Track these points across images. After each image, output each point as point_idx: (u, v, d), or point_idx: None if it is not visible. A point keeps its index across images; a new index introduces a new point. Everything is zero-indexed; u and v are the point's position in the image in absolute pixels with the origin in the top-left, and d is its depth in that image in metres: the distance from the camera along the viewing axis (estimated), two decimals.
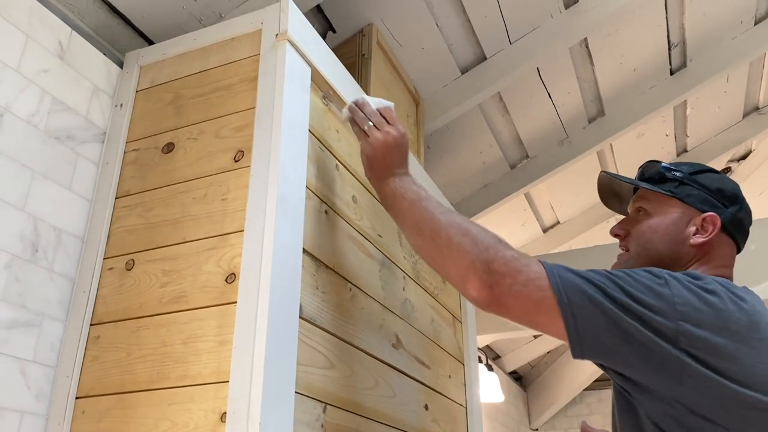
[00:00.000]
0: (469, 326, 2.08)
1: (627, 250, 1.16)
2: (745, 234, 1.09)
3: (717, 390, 0.84)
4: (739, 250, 1.09)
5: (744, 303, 0.91)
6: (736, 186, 1.10)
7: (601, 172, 1.25)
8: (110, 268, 1.19)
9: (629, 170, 3.17)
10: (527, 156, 2.70)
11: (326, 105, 1.32)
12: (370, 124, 1.17)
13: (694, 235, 1.05)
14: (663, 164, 1.12)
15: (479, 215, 2.67)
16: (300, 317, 1.12)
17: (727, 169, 3.54)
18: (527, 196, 2.96)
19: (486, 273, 0.93)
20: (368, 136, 1.16)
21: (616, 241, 1.21)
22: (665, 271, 0.93)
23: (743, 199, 1.09)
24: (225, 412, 0.97)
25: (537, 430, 5.18)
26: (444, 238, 0.99)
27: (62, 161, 1.21)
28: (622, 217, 1.23)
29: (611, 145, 2.91)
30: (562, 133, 2.66)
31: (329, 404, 1.17)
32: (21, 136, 1.14)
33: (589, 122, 2.67)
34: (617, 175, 1.18)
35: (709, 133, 3.14)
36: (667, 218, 1.08)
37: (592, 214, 3.25)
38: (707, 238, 1.04)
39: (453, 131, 2.39)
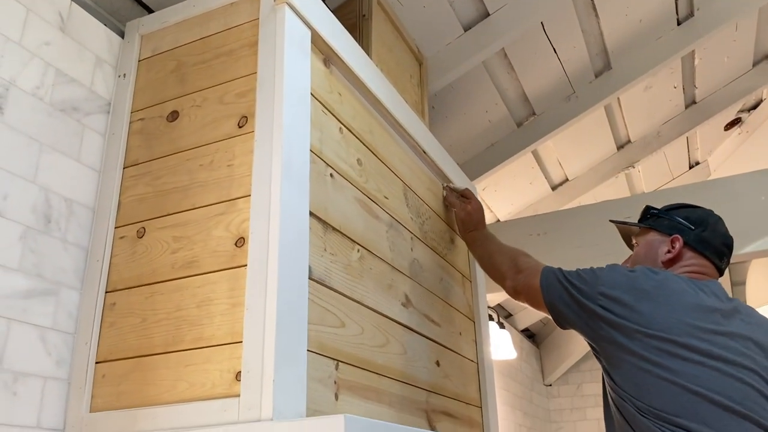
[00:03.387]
0: (479, 285, 2.10)
1: None
2: (716, 250, 1.39)
3: (627, 329, 1.23)
4: (715, 264, 1.40)
5: (656, 275, 1.29)
6: (706, 214, 1.44)
7: (609, 221, 1.69)
8: (122, 237, 1.21)
9: (637, 124, 3.14)
10: (534, 113, 2.68)
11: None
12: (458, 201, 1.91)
13: (665, 253, 1.40)
14: (648, 206, 1.53)
15: (486, 175, 2.67)
16: (309, 278, 1.14)
17: (737, 120, 3.50)
18: (535, 154, 2.95)
19: (514, 273, 1.57)
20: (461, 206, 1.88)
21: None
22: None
23: (712, 223, 1.42)
24: (240, 371, 1.00)
25: (550, 385, 5.25)
26: (495, 261, 1.69)
27: (69, 133, 1.23)
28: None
29: (618, 99, 2.88)
30: (569, 88, 2.63)
31: (341, 362, 1.20)
32: (27, 109, 1.15)
33: (596, 76, 2.64)
34: (618, 221, 1.62)
35: (718, 84, 3.10)
36: (646, 245, 1.46)
37: (601, 170, 3.24)
38: (673, 255, 1.39)
39: (457, 90, 2.37)
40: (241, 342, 1.02)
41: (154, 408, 1.04)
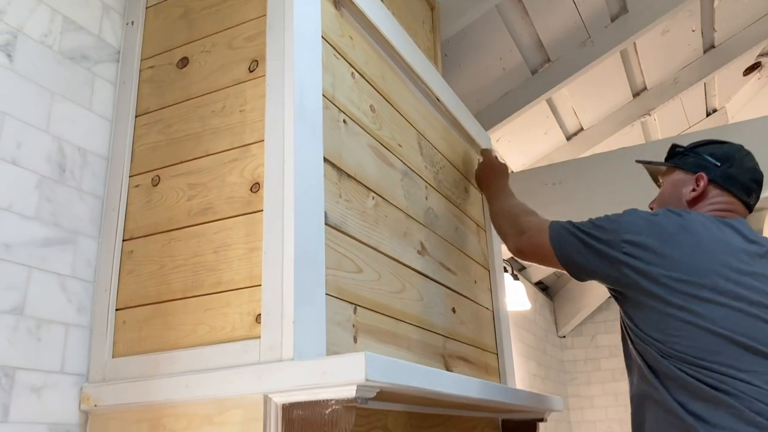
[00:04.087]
0: (494, 234, 2.09)
1: None
2: (743, 186, 1.35)
3: (652, 275, 1.21)
4: (742, 200, 1.36)
5: (679, 217, 1.26)
6: (733, 149, 1.39)
7: (636, 161, 1.62)
8: (137, 186, 1.21)
9: (654, 70, 3.07)
10: (548, 60, 2.63)
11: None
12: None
13: (690, 192, 1.37)
14: (674, 144, 1.47)
15: (501, 125, 2.64)
16: (326, 224, 1.14)
17: (757, 65, 3.42)
18: (549, 103, 2.90)
19: (515, 234, 1.52)
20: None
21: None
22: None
23: (739, 158, 1.37)
24: (260, 314, 1.01)
25: (564, 337, 5.30)
26: (498, 222, 1.65)
27: (79, 82, 1.22)
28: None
29: (635, 44, 2.81)
30: (584, 33, 2.57)
31: (359, 306, 1.20)
32: (36, 57, 1.14)
33: (612, 20, 2.57)
34: (643, 161, 1.55)
35: (737, 26, 3.01)
36: (671, 184, 1.42)
37: (617, 118, 3.19)
38: (697, 193, 1.35)
39: (470, 37, 2.32)
40: (260, 285, 1.02)
41: (175, 352, 1.05)
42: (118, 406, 1.05)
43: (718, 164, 1.36)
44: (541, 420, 1.87)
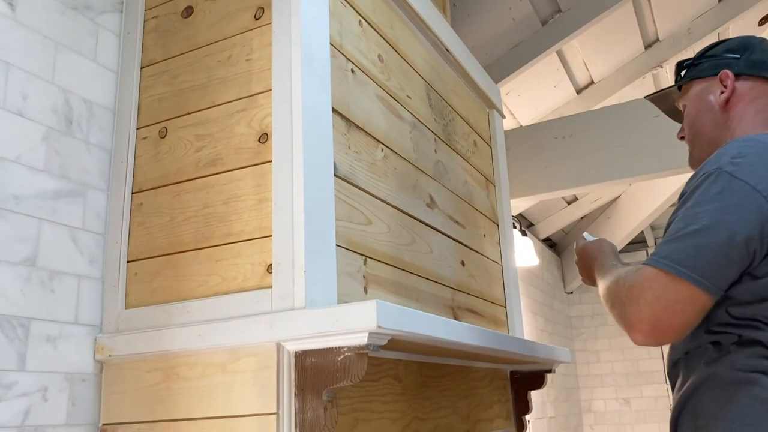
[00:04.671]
0: (503, 188, 2.08)
1: (689, 143, 1.24)
2: None
3: None
4: None
5: (750, 142, 1.02)
6: (745, 39, 1.21)
7: (645, 98, 1.35)
8: (144, 138, 1.20)
9: (667, 20, 3.00)
10: (559, 10, 2.56)
11: None
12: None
13: (719, 95, 1.16)
14: (680, 61, 1.27)
15: (510, 77, 2.59)
16: (335, 175, 1.13)
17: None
18: (560, 55, 2.85)
19: (634, 325, 0.93)
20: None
21: (650, 92, 1.35)
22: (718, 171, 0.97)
23: (755, 43, 1.19)
24: (271, 264, 1.01)
25: (572, 293, 5.32)
26: (609, 307, 1.03)
27: (83, 32, 1.20)
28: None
29: None
30: None
31: (369, 257, 1.20)
32: (39, 6, 1.12)
33: None
34: (652, 93, 1.32)
35: None
36: (695, 99, 1.21)
37: (628, 71, 3.13)
38: (728, 93, 1.15)
39: None
40: (271, 236, 1.02)
41: (187, 302, 1.06)
42: (133, 356, 1.07)
43: (738, 56, 1.18)
44: (549, 371, 1.89)
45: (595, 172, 2.47)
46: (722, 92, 1.15)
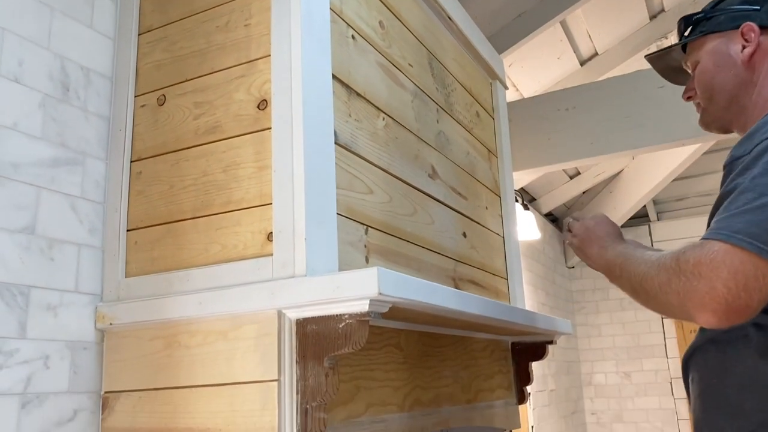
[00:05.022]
0: (505, 160, 2.06)
1: (699, 105, 1.16)
2: None
3: None
4: None
5: None
6: None
7: (645, 57, 1.27)
8: (142, 105, 1.19)
9: None
10: None
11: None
12: (569, 220, 1.22)
13: (742, 50, 1.07)
14: (686, 16, 1.17)
15: (514, 48, 2.56)
16: (336, 143, 1.12)
17: None
18: (564, 25, 2.81)
19: (706, 305, 0.84)
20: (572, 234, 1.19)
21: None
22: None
23: None
24: (271, 232, 1.00)
25: (573, 267, 5.33)
26: (652, 292, 0.94)
27: None
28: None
29: None
30: None
31: (371, 227, 1.20)
32: None
33: None
34: (655, 51, 1.23)
35: None
36: (711, 54, 1.11)
37: (632, 42, 3.09)
38: (753, 46, 1.06)
39: None
40: (271, 204, 1.01)
41: (188, 270, 1.06)
42: (134, 324, 1.06)
43: (758, 7, 1.08)
44: (550, 342, 1.90)
45: (599, 144, 2.45)
46: (745, 47, 1.06)
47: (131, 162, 1.17)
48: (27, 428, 0.96)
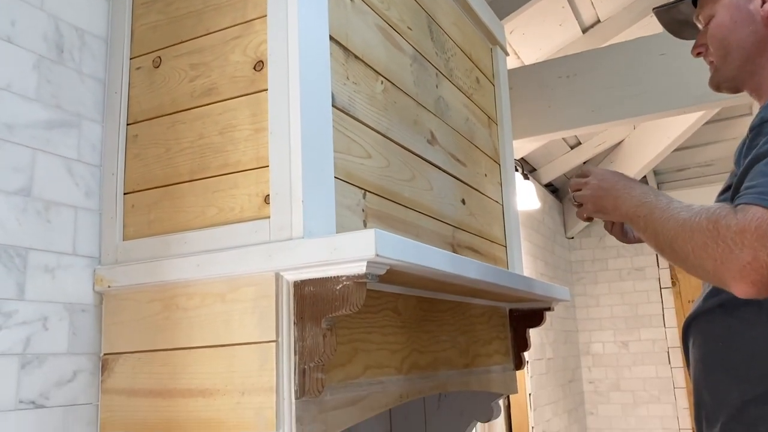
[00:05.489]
0: (505, 127, 2.05)
1: (712, 62, 1.12)
2: None
3: None
4: None
5: None
6: None
7: (653, 10, 1.21)
8: (138, 68, 1.17)
9: None
10: None
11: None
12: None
13: (762, 6, 1.01)
14: None
15: (514, 14, 2.52)
16: (333, 106, 1.11)
17: None
18: None
19: (748, 275, 0.80)
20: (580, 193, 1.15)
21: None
22: None
23: None
24: (268, 195, 1.00)
25: (572, 238, 5.34)
26: (682, 254, 0.89)
27: None
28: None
29: None
30: None
31: (369, 191, 1.19)
32: None
33: None
34: (665, 4, 1.17)
35: None
36: (728, 9, 1.05)
37: (636, 8, 3.04)
38: None
39: None
40: (268, 166, 1.01)
41: (185, 233, 1.05)
42: (132, 287, 1.07)
43: None
44: (548, 309, 1.91)
45: (600, 112, 2.44)
46: (765, 1, 1.01)
47: (127, 125, 1.16)
48: (27, 388, 0.97)
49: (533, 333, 3.65)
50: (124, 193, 1.13)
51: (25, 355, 0.97)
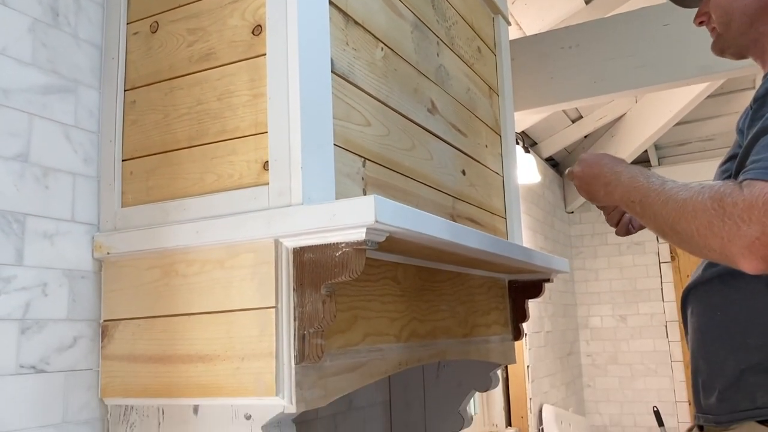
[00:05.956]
0: (506, 98, 2.03)
1: (714, 30, 1.10)
2: None
3: None
4: None
5: None
6: None
7: None
8: (135, 33, 1.16)
9: None
10: None
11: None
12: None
13: None
14: None
15: None
16: (332, 72, 1.09)
17: None
18: None
19: (757, 250, 0.79)
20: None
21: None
22: None
23: None
24: (267, 161, 0.99)
25: (572, 212, 5.34)
26: (686, 235, 0.87)
27: None
28: None
29: None
30: None
31: (368, 160, 1.18)
32: None
33: None
34: None
35: None
36: None
37: None
38: None
39: None
40: (266, 132, 1.00)
41: (184, 200, 1.05)
42: (131, 254, 1.07)
43: None
44: (547, 281, 1.91)
45: (603, 83, 2.41)
46: None
47: (125, 91, 1.15)
48: (27, 353, 0.97)
49: (532, 306, 3.67)
50: (123, 160, 1.13)
51: (24, 321, 0.98)
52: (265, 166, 0.99)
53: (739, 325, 0.99)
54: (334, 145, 1.07)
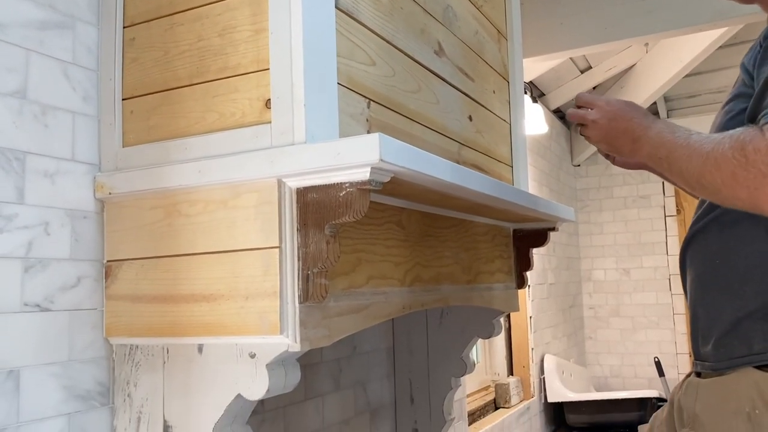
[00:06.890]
0: (515, 43, 1.98)
1: None
2: None
3: None
4: None
5: None
6: None
7: None
8: None
9: None
10: None
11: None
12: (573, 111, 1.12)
13: None
14: None
15: None
16: (336, 7, 1.06)
17: None
18: None
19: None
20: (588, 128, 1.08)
21: None
22: None
23: None
24: (269, 99, 0.97)
25: (579, 165, 5.29)
26: (712, 188, 0.85)
27: None
28: None
29: None
30: None
31: (373, 101, 1.16)
32: None
33: None
34: None
35: None
36: None
37: None
38: None
39: None
40: (269, 69, 0.97)
41: (185, 139, 1.03)
42: (133, 194, 1.05)
43: None
44: (552, 229, 1.90)
45: (613, 29, 2.35)
46: None
47: (124, 27, 1.12)
48: (31, 292, 0.97)
49: (536, 259, 3.68)
50: (123, 99, 1.10)
51: (27, 259, 0.97)
52: (267, 104, 0.97)
53: (736, 273, 0.99)
54: (338, 83, 1.04)
